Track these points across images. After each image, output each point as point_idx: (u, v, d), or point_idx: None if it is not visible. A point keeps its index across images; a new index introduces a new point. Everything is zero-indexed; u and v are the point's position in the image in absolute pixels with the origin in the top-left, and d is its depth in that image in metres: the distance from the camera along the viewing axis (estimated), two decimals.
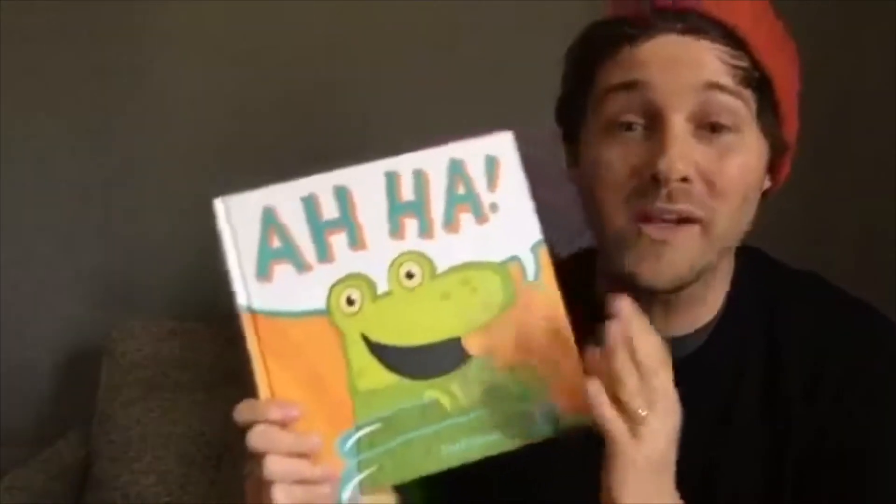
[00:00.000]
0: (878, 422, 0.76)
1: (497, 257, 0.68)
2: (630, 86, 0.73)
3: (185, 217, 1.76)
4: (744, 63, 0.72)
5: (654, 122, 0.73)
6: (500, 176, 0.69)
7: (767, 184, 0.79)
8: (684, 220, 0.73)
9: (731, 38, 0.72)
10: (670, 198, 0.72)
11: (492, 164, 0.69)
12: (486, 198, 0.69)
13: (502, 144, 0.70)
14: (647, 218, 0.73)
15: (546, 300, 0.69)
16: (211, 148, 1.74)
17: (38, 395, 1.82)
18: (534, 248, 0.69)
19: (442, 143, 0.69)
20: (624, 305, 0.66)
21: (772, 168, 0.78)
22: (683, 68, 0.72)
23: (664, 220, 0.73)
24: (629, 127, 0.74)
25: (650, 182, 0.72)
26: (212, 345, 1.63)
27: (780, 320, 0.80)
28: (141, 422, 1.58)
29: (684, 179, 0.71)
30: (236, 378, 1.56)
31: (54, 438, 1.64)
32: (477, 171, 0.69)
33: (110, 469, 1.56)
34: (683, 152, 0.71)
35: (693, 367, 0.79)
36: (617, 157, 0.74)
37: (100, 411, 1.60)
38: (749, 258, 0.82)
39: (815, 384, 0.77)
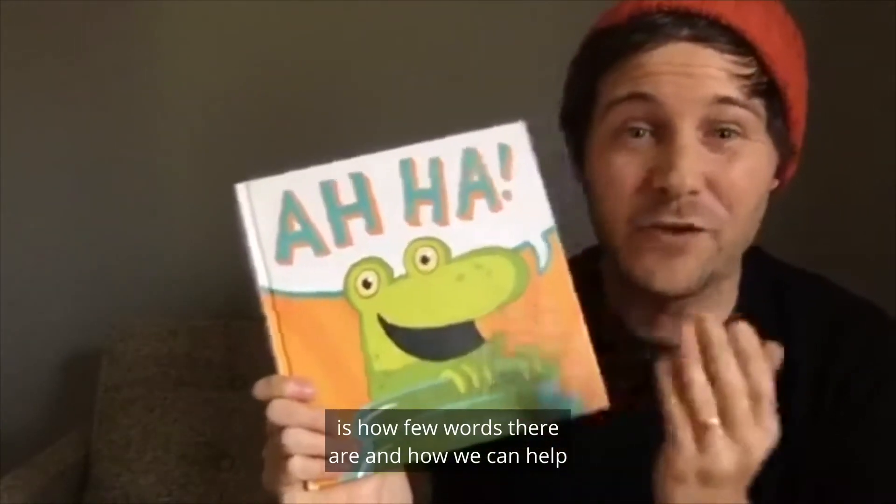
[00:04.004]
0: (882, 420, 0.76)
1: (510, 243, 0.69)
2: (636, 97, 0.72)
3: (185, 217, 1.77)
4: (752, 70, 0.71)
5: (663, 131, 0.72)
6: (513, 164, 0.70)
7: (774, 183, 0.78)
8: (695, 228, 0.73)
9: (739, 44, 0.71)
10: (679, 212, 0.71)
11: (505, 153, 0.70)
12: (499, 185, 0.70)
13: (514, 133, 0.71)
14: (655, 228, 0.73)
15: (557, 286, 0.69)
16: (211, 149, 1.74)
17: (38, 395, 1.83)
18: (545, 235, 0.70)
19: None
20: (708, 326, 0.64)
21: (779, 169, 0.77)
22: (691, 82, 0.71)
23: (674, 230, 0.72)
24: (637, 133, 0.73)
25: (658, 193, 0.71)
26: (212, 345, 1.64)
27: (788, 322, 0.80)
28: (141, 422, 1.58)
29: (693, 192, 0.71)
30: (236, 378, 1.57)
31: (54, 438, 1.64)
32: (490, 160, 0.70)
33: (110, 469, 1.57)
34: (693, 165, 0.70)
35: None
36: (624, 163, 0.73)
37: (100, 411, 1.61)
38: (756, 260, 0.81)
39: (822, 384, 0.77)
